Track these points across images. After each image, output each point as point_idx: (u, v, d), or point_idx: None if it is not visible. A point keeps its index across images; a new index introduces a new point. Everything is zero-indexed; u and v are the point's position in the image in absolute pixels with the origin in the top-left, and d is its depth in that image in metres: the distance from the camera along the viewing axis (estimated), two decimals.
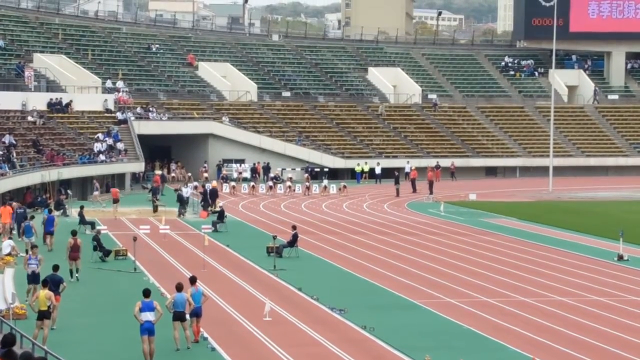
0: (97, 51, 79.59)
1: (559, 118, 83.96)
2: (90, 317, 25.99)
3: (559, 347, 22.75)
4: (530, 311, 26.97)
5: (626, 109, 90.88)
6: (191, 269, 33.09)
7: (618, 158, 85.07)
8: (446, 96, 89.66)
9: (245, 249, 38.17)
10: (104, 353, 22.00)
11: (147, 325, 20.72)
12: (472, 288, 30.49)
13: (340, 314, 26.20)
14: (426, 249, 39.45)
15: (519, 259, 36.80)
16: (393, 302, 28.37)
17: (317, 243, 40.53)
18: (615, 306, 27.95)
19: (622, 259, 36.47)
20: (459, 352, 21.06)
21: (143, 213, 50.65)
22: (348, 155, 78.38)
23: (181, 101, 78.27)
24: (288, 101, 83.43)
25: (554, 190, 67.17)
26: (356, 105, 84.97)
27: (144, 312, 20.87)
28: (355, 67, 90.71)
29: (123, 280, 31.42)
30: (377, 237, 43.07)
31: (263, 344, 22.86)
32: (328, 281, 31.78)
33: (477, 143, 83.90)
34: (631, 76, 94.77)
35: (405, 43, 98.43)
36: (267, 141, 76.33)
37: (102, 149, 63.82)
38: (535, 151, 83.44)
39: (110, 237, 40.16)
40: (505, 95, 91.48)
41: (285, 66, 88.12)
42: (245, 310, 26.11)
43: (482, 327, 24.74)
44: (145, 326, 20.72)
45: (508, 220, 50.00)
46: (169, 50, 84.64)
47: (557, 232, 45.37)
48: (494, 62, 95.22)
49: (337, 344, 22.75)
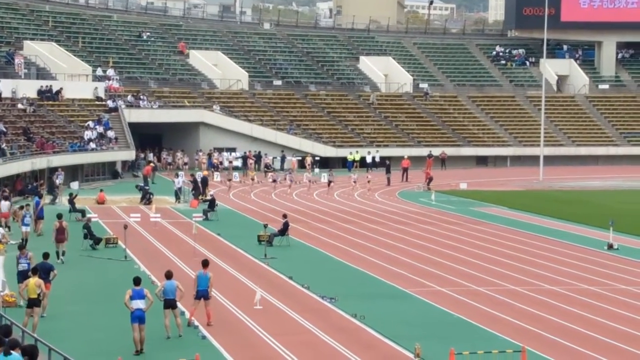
0: (87, 39, 79.31)
1: (550, 107, 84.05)
2: (81, 305, 25.95)
3: (549, 336, 22.81)
4: (520, 300, 27.03)
5: (617, 98, 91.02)
6: (182, 257, 33.11)
7: (609, 147, 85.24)
8: (437, 85, 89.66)
9: (236, 237, 38.16)
10: (94, 341, 21.97)
11: (138, 313, 20.72)
12: (462, 277, 30.54)
13: (331, 302, 26.22)
14: (417, 237, 39.49)
15: (510, 248, 36.87)
16: (384, 290, 28.40)
17: (308, 232, 40.54)
18: (606, 295, 28.04)
19: (612, 248, 36.58)
20: (449, 341, 21.09)
21: (133, 201, 50.57)
22: (339, 144, 78.35)
23: (172, 89, 78.09)
24: (279, 90, 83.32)
25: (545, 180, 67.29)
26: (347, 94, 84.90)
27: (135, 300, 20.86)
28: (346, 55, 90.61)
29: (113, 268, 31.37)
30: (368, 225, 43.10)
31: (254, 332, 22.86)
32: (319, 270, 31.80)
33: (468, 132, 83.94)
34: (622, 66, 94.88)
35: (397, 32, 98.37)
36: (258, 130, 76.22)
37: (92, 137, 63.65)
38: (526, 140, 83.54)
39: (101, 225, 40.09)
40: (497, 84, 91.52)
41: (276, 55, 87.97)
42: (236, 299, 26.11)
43: (473, 316, 24.78)
44: (136, 314, 20.72)
45: (499, 209, 50.08)
46: (160, 38, 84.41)
47: (547, 221, 45.45)
48: (485, 52, 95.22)
49: (327, 332, 22.77)
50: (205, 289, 23.21)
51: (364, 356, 20.70)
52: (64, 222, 32.54)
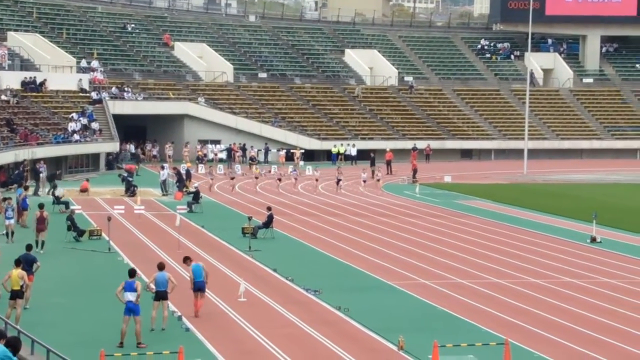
0: (72, 30, 78.96)
1: (534, 101, 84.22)
2: (64, 297, 25.88)
3: (532, 329, 22.90)
4: (503, 293, 27.13)
5: (601, 92, 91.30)
6: (166, 250, 33.06)
7: (592, 141, 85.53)
8: (422, 78, 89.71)
9: (220, 229, 38.13)
10: (78, 333, 21.93)
11: (129, 305, 20.74)
12: (446, 270, 30.63)
13: (315, 295, 26.25)
14: (401, 230, 39.55)
15: (493, 241, 36.98)
16: (368, 283, 28.45)
17: (293, 224, 40.55)
18: (588, 288, 28.17)
19: (595, 241, 36.75)
20: (433, 334, 21.15)
21: (117, 193, 50.46)
22: (324, 136, 78.34)
23: (157, 81, 77.87)
24: (264, 82, 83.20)
25: (529, 173, 67.49)
26: (332, 87, 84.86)
27: (126, 292, 20.86)
28: (331, 48, 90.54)
29: (97, 260, 31.31)
30: (353, 218, 43.14)
31: (237, 325, 22.87)
32: (303, 262, 31.82)
33: (453, 125, 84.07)
34: (606, 60, 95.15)
35: (382, 25, 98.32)
36: (243, 122, 76.13)
37: (76, 128, 63.45)
38: (511, 134, 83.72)
39: (85, 217, 39.97)
40: (481, 78, 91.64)
41: (261, 47, 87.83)
42: (220, 291, 26.09)
43: (456, 309, 24.86)
44: (128, 306, 20.74)
45: (483, 203, 50.21)
46: (145, 30, 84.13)
47: (531, 214, 45.61)
48: (470, 45, 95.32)
49: (311, 325, 22.79)
50: (201, 280, 23.40)
51: (348, 349, 20.74)
52: (44, 212, 32.87)
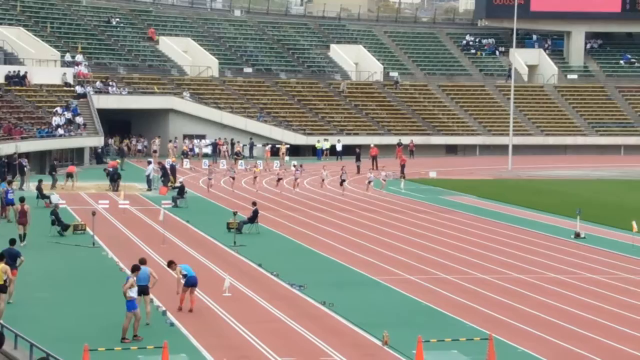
0: (56, 24, 78.63)
1: (519, 97, 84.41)
2: (48, 291, 25.80)
3: (516, 324, 22.97)
4: (488, 288, 27.20)
5: (585, 88, 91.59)
6: (150, 245, 32.99)
7: (577, 137, 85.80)
8: (408, 74, 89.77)
9: (205, 224, 38.07)
10: (62, 328, 21.87)
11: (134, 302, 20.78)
12: (431, 265, 30.68)
13: (300, 290, 26.25)
14: (386, 226, 39.58)
15: (478, 237, 37.06)
16: (352, 278, 28.47)
17: (278, 219, 40.53)
18: (572, 283, 28.27)
19: (579, 237, 36.89)
20: (417, 329, 21.18)
21: (102, 188, 50.31)
22: (309, 132, 78.33)
23: (141, 76, 77.64)
24: (249, 77, 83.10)
25: (514, 169, 67.67)
26: (318, 82, 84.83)
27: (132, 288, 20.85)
28: (317, 44, 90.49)
29: (81, 255, 31.21)
30: (338, 213, 43.15)
31: (222, 320, 22.85)
32: (288, 257, 31.82)
33: (438, 121, 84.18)
34: (590, 56, 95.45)
35: (368, 20, 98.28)
36: (228, 117, 76.03)
37: (60, 122, 63.23)
38: (495, 130, 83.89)
39: (69, 211, 39.83)
40: (466, 73, 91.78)
41: (247, 42, 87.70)
42: (204, 286, 26.02)
43: (441, 304, 24.91)
44: (133, 303, 20.76)
45: (467, 198, 50.31)
46: (130, 24, 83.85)
47: (515, 210, 45.73)
48: (456, 41, 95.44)
49: (296, 319, 22.80)
50: (194, 276, 23.47)
51: (333, 343, 20.75)
52: (25, 205, 32.89)
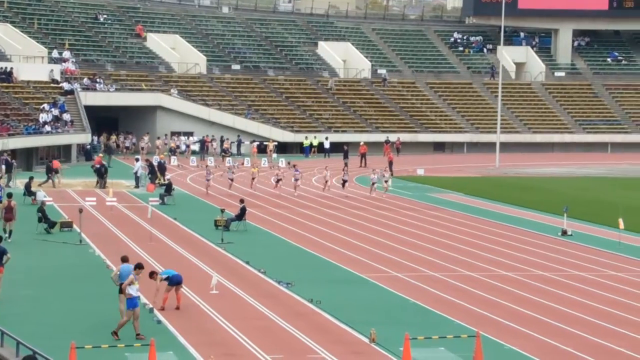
0: (43, 20, 78.36)
1: (507, 94, 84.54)
2: (35, 288, 25.74)
3: (504, 321, 23.03)
4: (475, 285, 27.26)
5: (572, 86, 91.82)
6: (138, 242, 32.94)
7: (564, 135, 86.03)
8: (395, 71, 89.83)
9: (192, 222, 38.03)
10: (48, 325, 21.83)
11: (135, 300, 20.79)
12: (418, 262, 30.73)
13: (287, 287, 26.26)
14: (374, 223, 39.62)
15: (465, 234, 37.14)
16: (340, 276, 28.50)
17: (265, 217, 40.52)
18: (559, 280, 28.37)
19: (566, 234, 37.01)
20: (404, 326, 21.22)
21: (89, 185, 50.19)
22: (297, 129, 78.30)
23: (129, 72, 77.45)
24: (237, 74, 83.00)
25: (501, 166, 67.80)
26: (306, 80, 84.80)
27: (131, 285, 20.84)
28: (305, 41, 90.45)
29: (68, 252, 31.15)
30: (325, 211, 43.18)
31: (209, 317, 22.84)
32: (275, 255, 31.82)
33: (426, 118, 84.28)
34: (578, 53, 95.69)
35: (356, 18, 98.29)
36: (216, 114, 75.92)
37: (47, 119, 63.03)
38: (483, 127, 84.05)
39: (56, 208, 39.72)
40: (454, 71, 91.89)
41: (235, 39, 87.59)
42: (192, 283, 26.02)
43: (428, 301, 24.96)
44: (133, 301, 20.76)
45: (455, 195, 50.40)
46: (117, 21, 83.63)
47: (503, 208, 45.83)
48: (443, 38, 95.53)
49: (283, 317, 22.80)
50: (178, 274, 23.41)
51: (320, 341, 20.77)
52: (12, 201, 32.89)
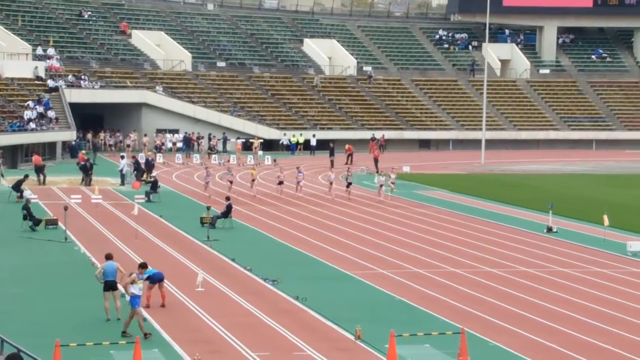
0: (27, 17, 78.05)
1: (492, 92, 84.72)
2: (20, 286, 25.66)
3: (489, 318, 23.10)
4: (460, 282, 27.33)
5: (557, 83, 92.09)
6: (123, 239, 32.87)
7: (549, 132, 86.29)
8: (381, 68, 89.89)
9: (178, 219, 37.98)
10: (34, 323, 21.76)
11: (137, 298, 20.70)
12: (404, 259, 30.78)
13: (273, 284, 26.27)
14: (359, 220, 39.66)
15: (451, 231, 37.21)
16: (326, 273, 28.52)
17: (251, 214, 40.51)
18: (544, 277, 28.46)
19: (551, 231, 37.13)
20: (390, 323, 21.26)
21: (74, 182, 50.04)
22: (283, 126, 78.26)
23: (114, 69, 77.24)
24: (223, 71, 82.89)
25: (486, 163, 67.94)
26: (291, 77, 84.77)
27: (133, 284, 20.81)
28: (290, 38, 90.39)
29: (53, 250, 31.06)
30: (311, 208, 43.20)
31: (195, 314, 22.82)
32: (261, 252, 31.81)
33: (411, 116, 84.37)
34: (562, 51, 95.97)
35: (341, 15, 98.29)
36: (201, 111, 75.81)
37: (32, 116, 62.82)
38: (468, 124, 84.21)
39: (41, 206, 39.60)
40: (439, 68, 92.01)
41: (220, 36, 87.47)
42: (177, 281, 26.00)
43: (413, 298, 25.00)
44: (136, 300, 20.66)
45: (441, 193, 50.49)
46: (102, 18, 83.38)
47: (488, 205, 45.94)
48: (429, 35, 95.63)
49: (269, 314, 22.81)
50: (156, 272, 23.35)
51: (306, 338, 20.78)
52: None
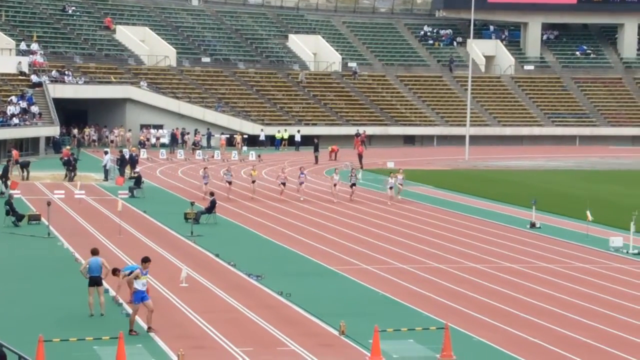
0: (11, 12, 77.68)
1: (476, 88, 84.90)
2: (2, 282, 25.56)
3: (472, 313, 23.15)
4: (444, 278, 27.38)
5: (541, 79, 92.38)
6: (107, 235, 32.78)
7: (533, 128, 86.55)
8: (366, 64, 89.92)
9: (162, 215, 37.91)
10: (16, 319, 21.69)
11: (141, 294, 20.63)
12: (388, 255, 30.81)
13: (257, 280, 26.26)
14: (343, 216, 39.68)
15: (435, 227, 37.28)
16: (310, 268, 28.53)
17: (236, 210, 40.47)
18: (527, 272, 28.55)
19: (534, 227, 37.25)
20: (374, 318, 21.28)
21: (57, 178, 49.87)
22: (268, 122, 78.20)
23: (98, 65, 76.98)
24: (207, 67, 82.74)
25: (470, 159, 68.09)
26: (276, 73, 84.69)
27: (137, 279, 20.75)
28: (275, 34, 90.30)
29: (36, 246, 30.95)
30: (295, 204, 43.19)
31: (179, 310, 22.79)
32: (245, 248, 31.80)
33: (396, 111, 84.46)
34: (547, 47, 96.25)
35: (326, 10, 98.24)
36: (186, 107, 75.67)
37: (15, 112, 62.56)
38: (453, 120, 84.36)
39: (24, 201, 39.45)
40: (424, 64, 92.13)
41: (205, 31, 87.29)
42: (161, 277, 25.95)
43: (398, 294, 25.04)
44: (140, 295, 20.62)
45: (425, 188, 50.56)
46: (86, 13, 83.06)
47: (472, 200, 46.05)
48: (413, 31, 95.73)
49: (253, 310, 22.80)
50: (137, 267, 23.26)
51: (290, 333, 20.78)
52: None
